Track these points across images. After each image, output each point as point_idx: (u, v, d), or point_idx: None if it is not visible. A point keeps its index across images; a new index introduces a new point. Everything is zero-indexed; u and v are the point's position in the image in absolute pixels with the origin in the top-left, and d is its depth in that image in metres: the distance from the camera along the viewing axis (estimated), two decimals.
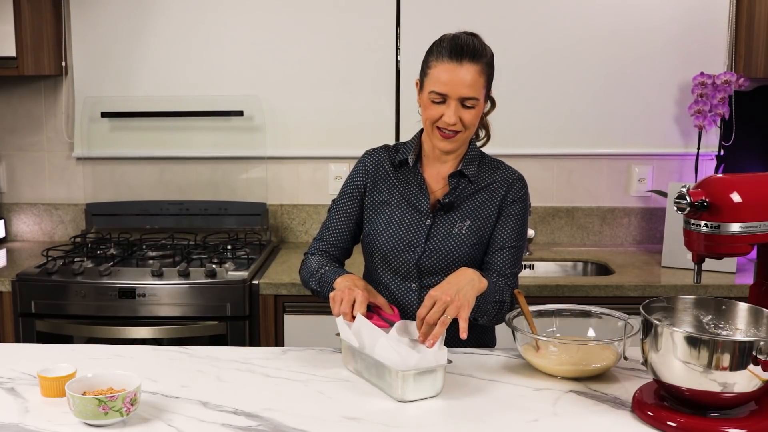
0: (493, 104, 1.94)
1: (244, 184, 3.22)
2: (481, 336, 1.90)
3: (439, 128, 1.77)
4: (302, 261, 1.94)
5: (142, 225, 3.17)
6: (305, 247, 3.15)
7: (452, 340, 1.68)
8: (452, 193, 1.85)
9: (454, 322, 1.56)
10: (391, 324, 1.62)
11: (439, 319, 1.53)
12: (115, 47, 3.15)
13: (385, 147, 1.96)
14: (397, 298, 1.85)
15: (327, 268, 1.83)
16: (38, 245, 3.16)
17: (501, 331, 1.85)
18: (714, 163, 3.04)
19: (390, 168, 1.90)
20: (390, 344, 1.53)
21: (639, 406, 1.44)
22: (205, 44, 3.13)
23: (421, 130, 1.90)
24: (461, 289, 1.59)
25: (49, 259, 2.76)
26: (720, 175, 1.47)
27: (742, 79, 2.88)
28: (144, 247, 2.97)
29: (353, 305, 1.63)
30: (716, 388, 1.33)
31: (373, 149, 1.96)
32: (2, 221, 3.27)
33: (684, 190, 1.41)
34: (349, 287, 1.67)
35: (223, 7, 3.11)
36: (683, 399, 1.39)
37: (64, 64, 3.15)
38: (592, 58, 3.09)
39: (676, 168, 3.14)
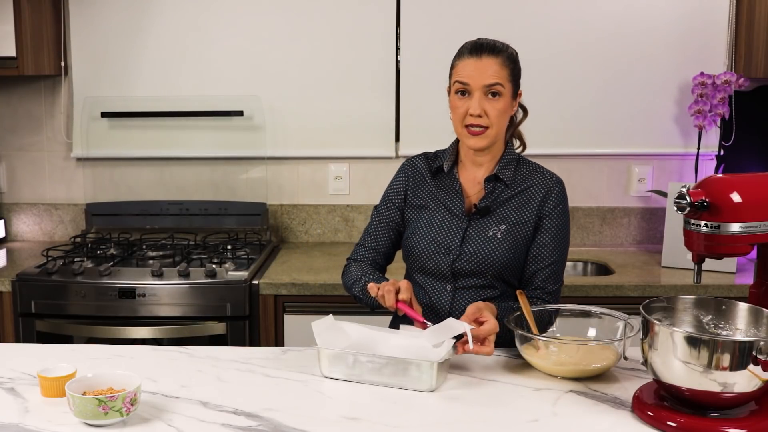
0: (525, 113, 1.99)
1: (244, 184, 3.22)
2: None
3: (467, 126, 1.80)
4: (345, 266, 2.00)
5: (142, 225, 3.17)
6: (305, 247, 3.16)
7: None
8: (488, 197, 1.86)
9: None
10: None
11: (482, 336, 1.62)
12: (115, 47, 3.15)
13: (425, 154, 1.99)
14: (432, 299, 1.87)
15: (370, 276, 1.88)
16: (38, 245, 3.16)
17: (500, 331, 1.85)
18: (714, 163, 3.04)
19: (428, 174, 1.94)
20: (405, 341, 1.62)
21: (639, 406, 1.44)
22: (205, 44, 3.13)
23: (458, 139, 1.92)
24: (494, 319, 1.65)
25: (49, 259, 2.76)
26: (720, 175, 1.47)
27: (742, 79, 2.88)
28: (144, 247, 2.97)
29: (397, 293, 1.68)
30: (716, 388, 1.33)
31: (413, 157, 2.00)
32: (2, 221, 3.27)
33: (684, 190, 1.41)
34: (389, 282, 1.71)
35: (222, 7, 3.11)
36: (683, 399, 1.39)
37: (63, 64, 3.15)
38: (592, 59, 3.09)
39: (676, 168, 3.14)
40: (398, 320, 1.92)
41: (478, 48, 1.80)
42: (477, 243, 1.84)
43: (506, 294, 1.86)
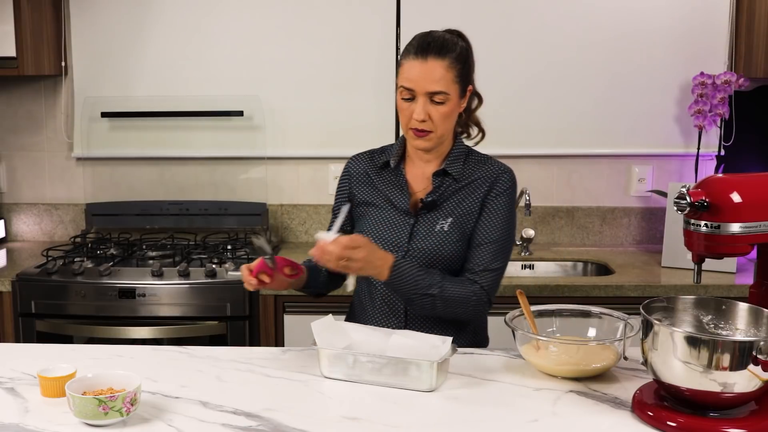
0: (480, 100, 1.93)
1: (244, 184, 3.22)
2: (473, 336, 1.91)
3: (411, 128, 1.78)
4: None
5: (142, 225, 3.17)
6: (305, 247, 3.15)
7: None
8: (435, 191, 1.85)
9: (444, 324, 1.76)
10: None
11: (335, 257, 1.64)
12: (115, 47, 3.15)
13: (370, 151, 1.98)
14: (387, 297, 1.85)
15: (304, 261, 1.90)
16: (38, 245, 3.16)
17: (500, 330, 1.85)
18: (714, 163, 3.04)
19: (372, 171, 1.93)
20: (405, 341, 1.61)
21: (639, 406, 1.44)
22: (205, 44, 3.13)
23: None
24: (365, 259, 1.66)
25: (49, 259, 2.76)
26: (720, 175, 1.47)
27: (742, 79, 2.88)
28: (144, 247, 2.97)
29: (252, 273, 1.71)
30: (716, 388, 1.33)
31: (357, 154, 1.99)
32: (2, 221, 3.27)
33: (684, 190, 1.41)
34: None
35: (223, 7, 3.11)
36: (683, 399, 1.39)
37: (64, 64, 3.14)
38: (592, 59, 3.09)
39: (676, 168, 3.14)
40: (353, 317, 1.94)
41: (424, 48, 1.74)
42: (425, 238, 1.82)
43: None
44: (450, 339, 1.62)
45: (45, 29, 3.02)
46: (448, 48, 1.76)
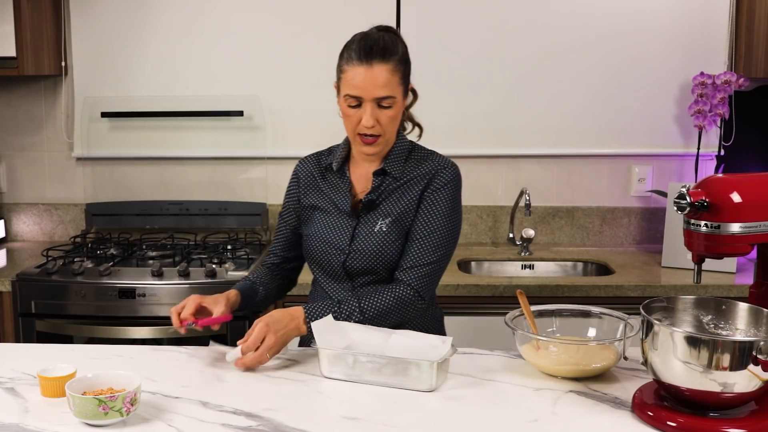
0: (415, 96, 1.90)
1: (243, 184, 3.22)
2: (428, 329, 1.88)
3: (360, 134, 1.76)
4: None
5: (142, 225, 3.17)
6: None
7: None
8: (374, 191, 1.84)
9: (423, 318, 1.82)
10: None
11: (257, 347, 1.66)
12: (115, 47, 3.15)
13: (317, 154, 1.97)
14: (334, 299, 1.83)
15: (240, 283, 1.92)
16: (38, 245, 3.16)
17: (500, 330, 1.85)
18: (714, 163, 3.04)
19: (318, 174, 1.93)
20: (405, 341, 1.62)
21: (639, 406, 1.44)
22: (205, 44, 3.13)
23: None
24: (276, 326, 1.68)
25: (49, 259, 2.76)
26: (720, 175, 1.47)
27: (742, 79, 2.88)
28: (144, 247, 2.97)
29: (181, 314, 1.73)
30: (716, 388, 1.33)
31: (305, 157, 1.99)
32: (2, 221, 3.27)
33: (684, 190, 1.41)
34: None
35: (223, 7, 3.11)
36: (683, 399, 1.39)
37: (64, 64, 3.14)
38: (592, 59, 3.09)
39: (676, 168, 3.14)
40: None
41: (368, 53, 1.71)
42: (365, 239, 1.82)
43: None
44: (450, 339, 1.62)
45: (45, 29, 3.02)
46: (391, 51, 1.74)
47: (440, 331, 1.97)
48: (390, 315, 1.76)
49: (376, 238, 1.82)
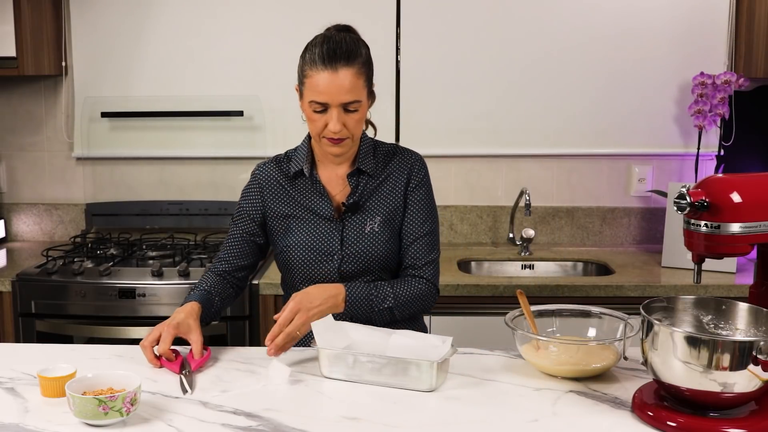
0: (374, 97, 1.85)
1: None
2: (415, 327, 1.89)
3: (326, 137, 1.75)
4: (202, 275, 1.92)
5: (142, 225, 3.17)
6: None
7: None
8: (355, 192, 1.83)
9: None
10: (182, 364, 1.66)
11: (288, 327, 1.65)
12: (115, 47, 3.15)
13: (275, 159, 1.92)
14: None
15: (194, 291, 1.84)
16: (38, 245, 3.16)
17: (500, 330, 1.85)
18: (714, 163, 3.04)
19: (284, 180, 1.88)
20: (405, 341, 1.62)
21: (639, 406, 1.44)
22: (205, 44, 3.13)
23: (309, 135, 1.87)
24: (312, 301, 1.68)
25: (49, 259, 2.76)
26: (720, 175, 1.47)
27: (742, 79, 2.88)
28: (144, 247, 2.97)
29: (157, 342, 1.67)
30: (716, 388, 1.33)
31: (262, 164, 1.93)
32: (2, 221, 3.27)
33: (684, 190, 1.40)
34: (163, 324, 1.69)
35: (223, 7, 3.11)
36: (683, 399, 1.39)
37: (64, 64, 3.15)
38: (592, 59, 3.09)
39: (676, 168, 3.14)
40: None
41: (332, 58, 1.68)
42: (357, 241, 1.81)
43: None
44: (450, 339, 1.62)
45: (45, 29, 3.02)
46: (355, 53, 1.72)
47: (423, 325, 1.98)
48: (416, 304, 1.80)
49: (368, 239, 1.81)
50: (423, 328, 1.97)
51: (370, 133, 1.92)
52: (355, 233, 1.82)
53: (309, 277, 1.85)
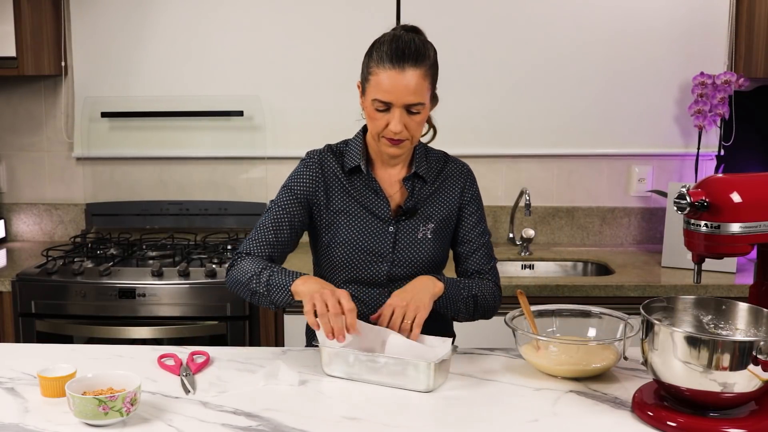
0: (436, 100, 1.81)
1: (244, 184, 3.22)
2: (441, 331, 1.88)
3: (386, 137, 1.71)
4: (231, 263, 1.80)
5: (142, 225, 3.17)
6: (305, 246, 3.15)
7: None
8: (411, 196, 1.82)
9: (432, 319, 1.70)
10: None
11: (401, 325, 1.62)
12: (115, 47, 3.15)
13: (330, 150, 1.86)
14: (366, 308, 1.80)
15: (274, 268, 1.70)
16: (38, 245, 3.16)
17: (500, 330, 1.85)
18: (714, 163, 3.04)
19: (341, 174, 1.82)
20: (402, 341, 1.60)
21: (639, 406, 1.44)
22: (205, 44, 3.13)
23: (363, 131, 1.85)
24: (416, 294, 1.65)
25: (49, 259, 2.76)
26: (720, 175, 1.47)
27: (742, 79, 2.88)
28: (144, 247, 2.97)
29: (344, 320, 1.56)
30: (716, 388, 1.33)
31: (318, 151, 1.86)
32: (2, 221, 3.27)
33: (684, 190, 1.41)
34: (327, 292, 1.57)
35: (223, 7, 3.11)
36: (683, 399, 1.39)
37: (64, 64, 3.15)
38: (592, 59, 3.09)
39: (676, 168, 3.14)
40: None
41: (400, 57, 1.64)
42: (409, 246, 1.80)
43: None
44: (450, 340, 1.62)
45: (45, 29, 3.02)
46: (424, 55, 1.68)
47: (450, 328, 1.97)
48: (491, 299, 1.82)
49: (420, 244, 1.80)
50: (453, 334, 1.96)
51: (428, 137, 1.90)
52: (408, 238, 1.80)
53: (354, 277, 1.80)
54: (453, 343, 1.64)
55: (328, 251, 1.82)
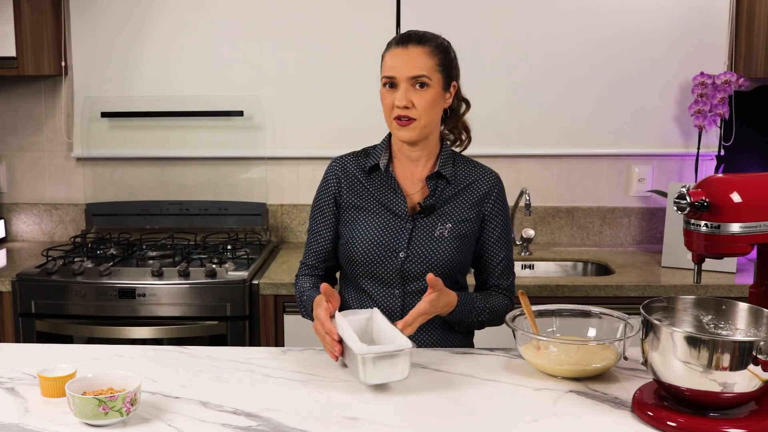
0: (468, 105, 1.90)
1: (244, 184, 3.22)
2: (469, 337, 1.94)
3: (395, 118, 1.77)
4: (296, 274, 1.95)
5: (142, 225, 3.18)
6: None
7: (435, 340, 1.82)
8: (432, 194, 1.83)
9: (430, 321, 1.74)
10: None
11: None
12: (115, 47, 3.15)
13: (353, 153, 1.93)
14: (381, 305, 1.81)
15: (306, 294, 1.84)
16: (38, 245, 3.16)
17: (500, 330, 1.85)
18: (714, 163, 3.04)
19: (360, 174, 1.87)
20: (388, 327, 1.63)
21: (639, 406, 1.44)
22: (205, 44, 3.13)
23: (390, 134, 1.88)
24: (436, 311, 1.71)
25: (49, 259, 2.76)
26: (720, 175, 1.47)
27: (742, 79, 2.88)
28: (144, 247, 2.97)
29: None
30: (716, 388, 1.33)
31: (340, 157, 1.93)
32: (2, 221, 3.27)
33: (684, 190, 1.41)
34: (316, 324, 1.66)
35: (223, 7, 3.11)
36: (683, 399, 1.39)
37: (64, 64, 3.15)
38: (592, 59, 3.09)
39: (676, 168, 3.14)
40: None
41: (404, 39, 1.77)
42: (424, 243, 1.80)
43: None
44: (408, 342, 1.54)
45: (45, 29, 3.02)
46: (428, 38, 1.78)
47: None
48: (500, 317, 1.83)
49: (436, 242, 1.80)
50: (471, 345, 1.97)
51: (461, 147, 1.93)
52: (425, 235, 1.81)
53: (371, 273, 1.82)
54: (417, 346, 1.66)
55: (346, 248, 1.85)
